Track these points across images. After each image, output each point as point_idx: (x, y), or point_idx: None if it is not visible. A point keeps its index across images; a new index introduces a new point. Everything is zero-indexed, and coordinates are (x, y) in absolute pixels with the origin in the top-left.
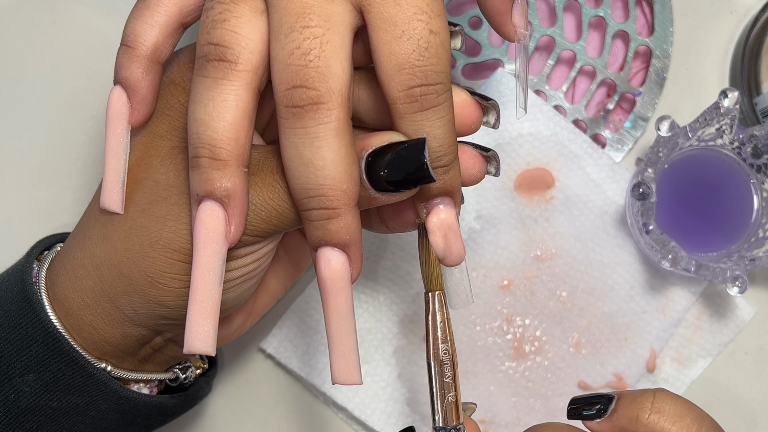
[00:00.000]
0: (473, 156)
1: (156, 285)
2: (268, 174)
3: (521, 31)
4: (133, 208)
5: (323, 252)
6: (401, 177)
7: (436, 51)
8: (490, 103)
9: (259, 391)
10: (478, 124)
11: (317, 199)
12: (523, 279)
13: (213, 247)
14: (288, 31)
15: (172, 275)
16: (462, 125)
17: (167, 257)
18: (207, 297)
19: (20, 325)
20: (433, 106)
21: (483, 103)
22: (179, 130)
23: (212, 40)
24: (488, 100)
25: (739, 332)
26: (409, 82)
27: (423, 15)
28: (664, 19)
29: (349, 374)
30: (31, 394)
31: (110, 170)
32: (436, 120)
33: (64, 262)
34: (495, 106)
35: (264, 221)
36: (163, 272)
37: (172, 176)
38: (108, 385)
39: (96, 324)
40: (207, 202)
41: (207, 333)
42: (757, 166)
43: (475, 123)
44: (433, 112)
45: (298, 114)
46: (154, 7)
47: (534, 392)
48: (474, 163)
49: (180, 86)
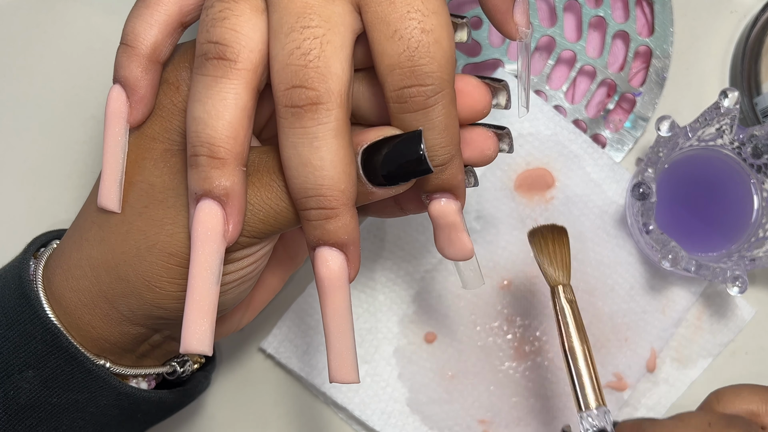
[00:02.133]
0: (487, 136)
1: (153, 288)
2: (266, 174)
3: (523, 29)
4: (130, 211)
5: (321, 252)
6: (398, 170)
7: (428, 50)
8: (501, 83)
9: (259, 391)
10: (489, 108)
11: (315, 199)
12: (523, 279)
13: (211, 245)
14: (288, 31)
15: (169, 279)
16: (472, 110)
17: (164, 261)
18: (204, 296)
19: (18, 321)
20: (422, 108)
21: (493, 85)
22: (171, 131)
23: (212, 39)
24: (499, 81)
25: (739, 332)
26: (399, 82)
27: (416, 13)
28: (664, 19)
29: (347, 373)
30: (30, 390)
31: (108, 169)
32: (427, 122)
33: (60, 261)
34: (505, 87)
35: (261, 221)
36: (160, 276)
37: (167, 179)
38: (107, 381)
39: (94, 323)
40: (205, 200)
41: (204, 332)
42: (758, 166)
43: (486, 107)
44: (423, 114)
45: (297, 114)
46: (153, 6)
47: (534, 392)
48: (489, 144)
49: (174, 86)
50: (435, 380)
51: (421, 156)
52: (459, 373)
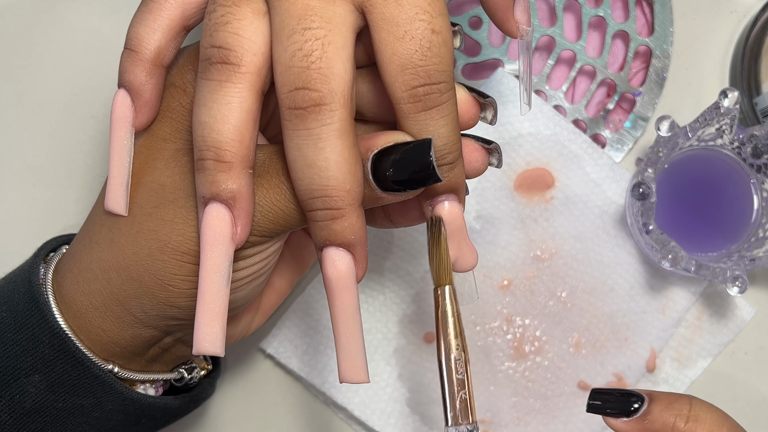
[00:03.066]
0: (476, 149)
1: (166, 287)
2: (274, 176)
3: (524, 27)
4: (140, 211)
5: (328, 252)
6: (407, 177)
7: (439, 50)
8: (488, 100)
9: (259, 391)
10: (476, 120)
11: (321, 199)
12: (523, 279)
13: (220, 248)
14: (290, 33)
15: (182, 277)
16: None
17: (177, 260)
18: (215, 298)
19: (27, 325)
20: (436, 105)
21: (481, 100)
22: (182, 132)
23: (215, 43)
24: (486, 97)
25: (739, 332)
26: (412, 82)
27: (425, 15)
28: (664, 19)
29: (357, 373)
30: (36, 394)
31: (114, 173)
32: (440, 119)
33: (70, 265)
34: (492, 103)
35: (271, 222)
36: (173, 275)
37: (178, 179)
38: (113, 386)
39: (105, 326)
40: (213, 204)
41: (215, 334)
42: (757, 166)
43: (473, 119)
44: (437, 111)
45: (300, 116)
46: (156, 10)
47: (534, 392)
48: (477, 156)
49: (180, 88)
50: (435, 380)
51: (430, 165)
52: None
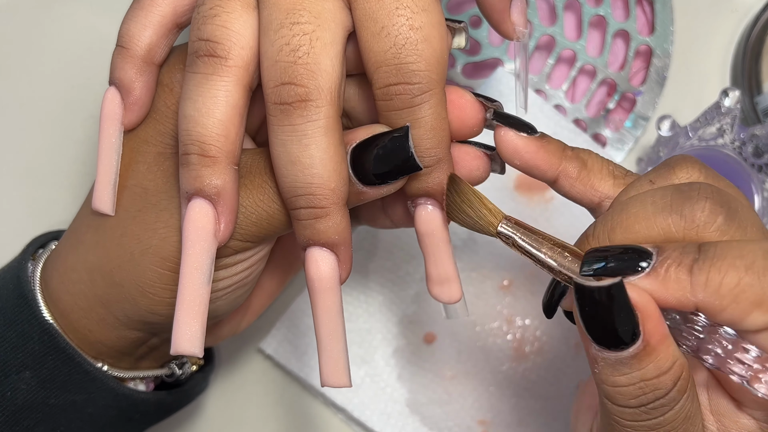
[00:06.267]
0: (476, 156)
1: (147, 295)
2: (258, 175)
3: (520, 29)
4: (125, 215)
5: (311, 252)
6: (387, 168)
7: (415, 48)
8: (495, 104)
9: (258, 391)
10: (480, 127)
11: (305, 197)
12: (523, 279)
13: (202, 244)
14: (277, 27)
15: (162, 285)
16: (462, 125)
17: (157, 266)
18: (195, 296)
19: (16, 322)
20: (408, 106)
21: (487, 104)
22: (165, 135)
23: (203, 36)
24: (493, 101)
25: None
26: (385, 80)
27: (404, 10)
28: (664, 18)
29: (338, 377)
30: (27, 391)
31: (102, 172)
32: (413, 121)
33: (57, 264)
34: (499, 108)
35: (254, 224)
36: (153, 282)
37: (160, 183)
38: (105, 382)
39: (90, 327)
40: (196, 199)
41: (194, 334)
42: (758, 166)
43: (478, 125)
44: (409, 113)
45: (286, 111)
46: (147, 7)
47: (534, 393)
48: (478, 164)
49: (167, 87)
50: (435, 381)
51: (408, 151)
52: (459, 374)
